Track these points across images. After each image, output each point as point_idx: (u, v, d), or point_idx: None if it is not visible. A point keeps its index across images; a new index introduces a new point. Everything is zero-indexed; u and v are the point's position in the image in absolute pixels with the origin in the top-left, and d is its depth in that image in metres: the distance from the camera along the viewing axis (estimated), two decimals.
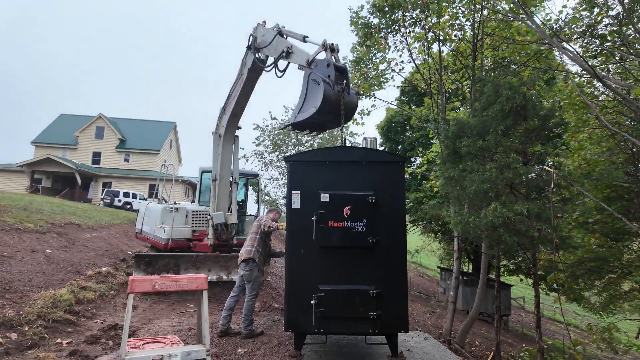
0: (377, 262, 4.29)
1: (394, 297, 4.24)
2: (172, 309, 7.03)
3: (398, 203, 4.43)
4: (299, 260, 4.37)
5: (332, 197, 4.35)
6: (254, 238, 5.69)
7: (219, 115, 8.67)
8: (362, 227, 4.29)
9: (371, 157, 4.55)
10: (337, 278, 4.29)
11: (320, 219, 4.30)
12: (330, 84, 4.91)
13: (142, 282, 3.23)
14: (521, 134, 7.32)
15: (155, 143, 35.19)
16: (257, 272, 5.56)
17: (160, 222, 8.79)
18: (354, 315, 4.24)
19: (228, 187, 8.76)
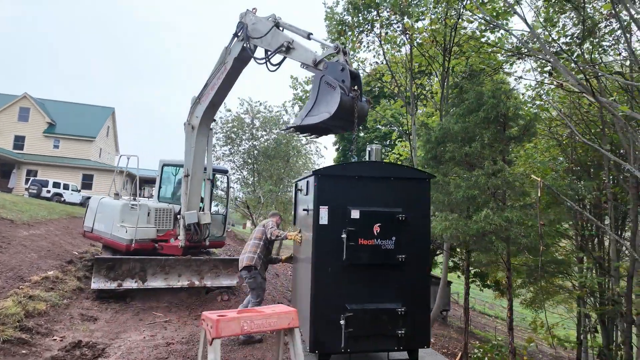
0: (403, 280, 4.20)
1: (419, 314, 4.17)
2: (138, 319, 6.27)
3: (424, 220, 4.35)
4: (326, 278, 4.10)
5: (362, 213, 4.14)
6: (257, 244, 5.46)
7: (192, 104, 7.95)
8: (392, 244, 4.16)
9: (399, 173, 4.45)
10: (365, 296, 4.13)
11: (350, 236, 4.06)
12: (346, 90, 4.66)
13: (229, 324, 2.65)
14: (503, 142, 7.55)
15: (90, 129, 32.14)
16: (260, 279, 5.37)
17: (120, 221, 7.83)
18: (382, 333, 4.12)
19: (201, 184, 8.07)
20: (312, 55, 5.47)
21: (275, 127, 24.94)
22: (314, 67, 5.36)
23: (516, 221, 5.91)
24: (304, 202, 4.86)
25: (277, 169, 24.15)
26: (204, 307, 7.06)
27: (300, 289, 4.88)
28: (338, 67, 4.89)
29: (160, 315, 6.57)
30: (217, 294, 7.41)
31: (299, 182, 5.45)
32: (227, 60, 7.03)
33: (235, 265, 7.44)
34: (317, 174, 4.23)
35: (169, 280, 6.90)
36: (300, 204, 5.38)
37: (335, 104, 4.56)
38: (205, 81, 7.70)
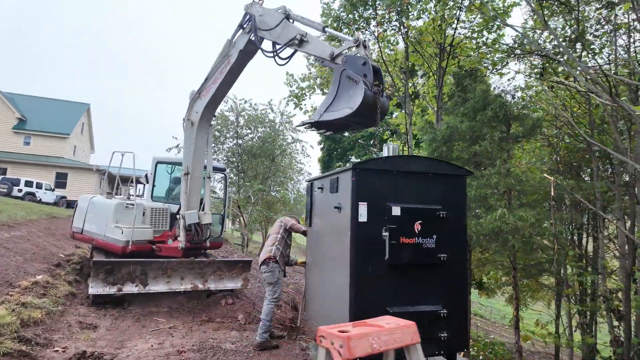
0: (443, 281, 4.06)
1: (458, 316, 4.04)
2: (140, 326, 5.89)
3: (462, 218, 4.22)
4: (366, 279, 3.89)
5: (403, 210, 3.96)
6: (275, 237, 5.36)
7: (191, 99, 7.61)
8: (432, 243, 4.01)
9: (438, 169, 4.27)
10: (406, 298, 3.97)
11: (391, 234, 3.88)
12: (369, 85, 4.48)
13: (360, 342, 2.28)
14: (510, 141, 7.57)
15: (63, 125, 30.71)
16: (278, 274, 5.22)
17: (114, 221, 7.39)
18: (424, 338, 3.91)
19: (201, 183, 7.72)
20: (329, 49, 5.28)
21: (261, 126, 24.55)
22: (331, 61, 5.17)
23: (531, 220, 5.90)
24: (329, 200, 4.65)
25: (263, 168, 23.76)
26: (208, 311, 6.73)
27: (326, 291, 4.66)
28: (359, 61, 4.70)
29: (163, 320, 6.21)
30: (220, 298, 7.08)
31: (318, 180, 5.23)
32: (232, 53, 6.75)
33: (239, 267, 7.15)
34: (355, 168, 4.04)
35: (171, 283, 6.54)
36: (319, 203, 5.17)
37: (359, 100, 4.37)
38: (206, 75, 7.37)
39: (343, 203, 4.23)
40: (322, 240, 4.93)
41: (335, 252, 4.34)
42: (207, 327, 6.03)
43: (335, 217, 4.42)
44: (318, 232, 5.15)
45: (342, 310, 3.99)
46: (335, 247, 4.35)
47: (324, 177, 5.04)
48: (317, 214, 5.25)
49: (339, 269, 4.18)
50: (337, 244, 4.29)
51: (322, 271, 4.91)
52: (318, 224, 5.17)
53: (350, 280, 3.92)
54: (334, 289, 4.32)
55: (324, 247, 4.87)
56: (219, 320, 6.35)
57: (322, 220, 5.02)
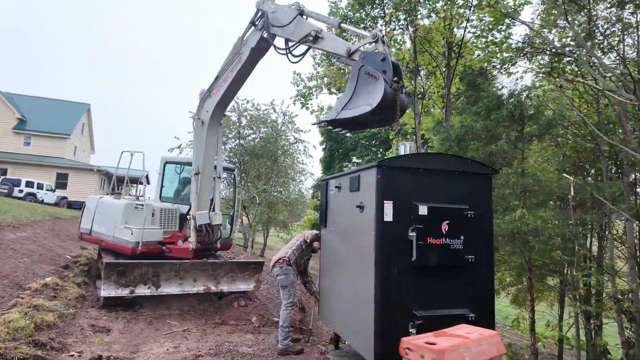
0: (471, 283, 3.97)
1: (486, 321, 3.92)
2: (154, 329, 5.77)
3: (488, 218, 4.13)
4: (392, 281, 3.79)
5: (430, 209, 3.86)
6: (294, 243, 5.38)
7: (201, 97, 7.50)
8: (460, 244, 3.91)
9: (464, 167, 4.15)
10: (433, 301, 3.86)
11: (418, 235, 3.77)
12: (389, 81, 4.35)
13: (453, 355, 2.13)
14: (524, 140, 7.48)
15: (64, 126, 30.51)
16: (292, 277, 5.16)
17: (123, 222, 7.27)
18: None
19: (211, 182, 7.60)
20: (345, 45, 5.17)
21: (263, 126, 24.42)
22: (348, 58, 5.04)
23: (552, 221, 5.81)
24: (349, 199, 4.55)
25: (265, 168, 23.64)
26: (220, 313, 6.62)
27: (345, 293, 4.55)
28: (378, 57, 4.57)
29: (176, 323, 6.09)
30: (232, 300, 6.97)
31: (334, 179, 5.13)
32: (243, 51, 6.64)
33: (251, 268, 7.04)
34: (380, 165, 3.93)
35: (184, 285, 6.43)
36: (336, 203, 5.07)
37: (379, 96, 4.23)
38: (217, 73, 7.27)
39: (366, 202, 4.13)
40: (340, 241, 4.83)
41: (357, 253, 4.24)
42: (221, 330, 5.91)
43: (357, 216, 4.31)
44: (335, 233, 5.04)
45: (366, 314, 3.89)
46: (357, 248, 4.25)
47: (342, 175, 4.93)
48: (333, 214, 5.15)
49: (362, 270, 4.07)
50: (360, 244, 4.19)
51: (339, 273, 4.80)
52: (335, 225, 5.07)
53: (375, 283, 3.82)
54: (356, 291, 4.21)
55: (342, 248, 4.76)
56: (233, 323, 6.24)
57: (339, 221, 4.91)
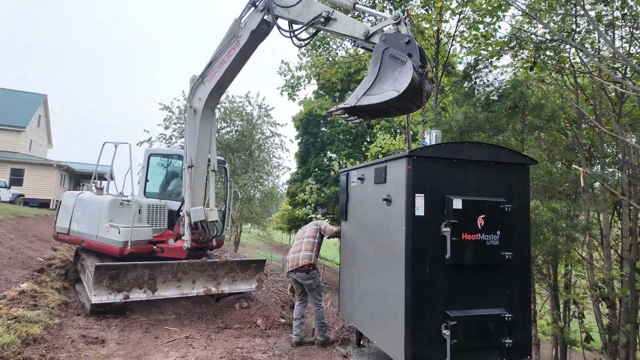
0: (507, 281, 3.78)
1: (523, 321, 3.78)
2: (153, 337, 5.25)
3: (525, 212, 3.93)
4: (423, 279, 3.55)
5: (464, 203, 3.61)
6: (312, 242, 5.04)
7: (193, 84, 6.99)
8: (496, 240, 3.69)
9: (500, 157, 3.91)
10: (467, 301, 3.65)
11: (453, 230, 3.53)
12: (416, 65, 4.06)
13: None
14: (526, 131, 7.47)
15: (18, 118, 28.19)
16: (319, 279, 5.07)
17: (108, 220, 6.62)
18: (488, 344, 3.64)
19: (205, 177, 7.08)
20: (362, 27, 4.81)
21: (238, 119, 23.69)
22: (366, 41, 4.72)
23: (563, 213, 5.78)
24: (373, 191, 4.27)
25: (240, 162, 22.98)
26: (221, 316, 6.17)
27: (370, 291, 4.27)
28: (401, 39, 4.25)
29: (176, 329, 5.59)
30: (232, 301, 6.53)
31: (357, 170, 4.82)
32: (242, 34, 6.17)
33: (253, 267, 6.61)
34: (412, 155, 3.63)
35: (183, 288, 5.91)
36: (358, 195, 4.78)
37: (406, 81, 3.90)
38: (210, 58, 6.74)
39: (394, 195, 3.85)
40: (364, 235, 4.55)
41: (385, 249, 3.97)
42: (227, 335, 5.49)
43: (383, 210, 4.03)
44: (357, 227, 4.75)
45: (395, 314, 3.66)
46: (385, 244, 3.98)
47: (365, 166, 4.64)
48: (355, 207, 4.87)
49: (391, 268, 3.82)
50: (387, 240, 3.93)
51: (363, 269, 4.52)
52: (357, 218, 4.78)
53: (405, 281, 3.57)
54: (383, 289, 3.95)
55: (366, 243, 4.48)
56: (237, 327, 5.82)
57: (363, 214, 4.62)
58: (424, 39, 10.95)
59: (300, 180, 25.63)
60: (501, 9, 9.81)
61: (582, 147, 11.59)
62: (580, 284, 14.29)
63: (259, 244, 38.74)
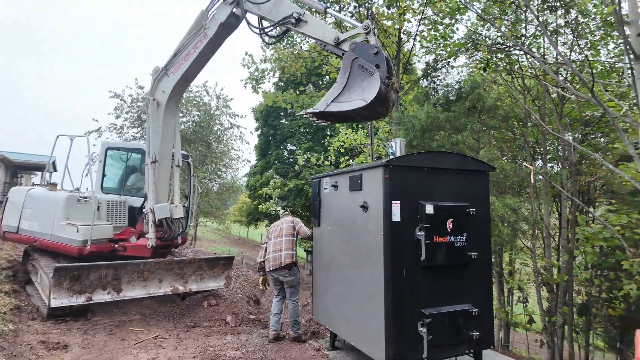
0: (472, 279, 4.08)
1: (487, 314, 4.10)
2: (119, 339, 5.09)
3: (486, 214, 4.26)
4: (401, 280, 3.73)
5: (436, 208, 3.85)
6: (292, 240, 5.14)
7: (156, 76, 6.74)
8: (463, 241, 3.98)
9: (465, 165, 4.20)
10: (438, 299, 3.89)
11: (426, 234, 3.76)
12: (383, 77, 4.24)
13: None
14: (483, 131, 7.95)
15: None
16: (299, 275, 5.20)
17: (64, 217, 6.26)
18: (458, 338, 3.92)
19: (169, 172, 6.87)
20: (333, 33, 4.90)
21: (195, 109, 22.97)
22: (335, 47, 4.82)
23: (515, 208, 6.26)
24: (348, 198, 4.38)
25: (197, 154, 22.34)
26: (189, 315, 6.08)
27: (347, 293, 4.38)
28: (370, 50, 4.40)
29: (142, 330, 5.45)
30: (200, 299, 6.44)
31: (330, 177, 4.88)
32: (209, 26, 6.03)
33: (221, 265, 6.55)
34: (388, 165, 3.80)
35: (149, 287, 5.75)
36: (331, 202, 4.85)
37: (374, 92, 4.08)
38: (175, 49, 6.53)
39: (371, 202, 4.00)
40: (339, 240, 4.62)
41: (362, 253, 4.11)
42: (197, 334, 5.43)
43: (360, 216, 4.17)
44: (331, 233, 4.82)
45: (375, 315, 3.80)
46: (362, 248, 4.12)
47: (339, 174, 4.73)
48: (328, 213, 4.93)
49: (369, 270, 3.97)
50: (365, 244, 4.07)
51: (338, 272, 4.61)
52: (331, 224, 4.85)
53: (385, 284, 3.74)
54: (361, 292, 4.09)
55: (341, 247, 4.56)
56: (207, 325, 5.77)
57: (338, 220, 4.70)
58: (386, 37, 11.20)
59: (260, 173, 25.37)
60: (459, 11, 10.28)
61: (528, 145, 12.50)
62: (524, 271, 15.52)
63: (215, 237, 38.03)
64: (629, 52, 4.66)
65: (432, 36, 11.18)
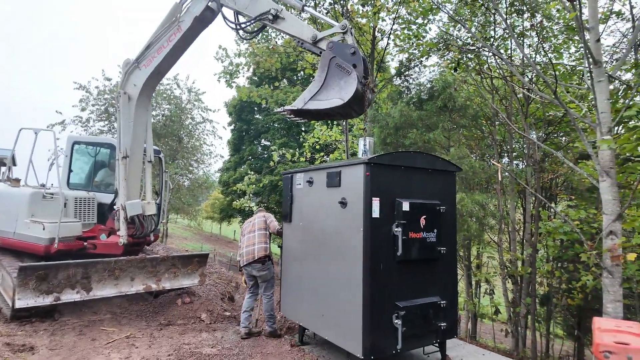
0: (440, 273, 4.31)
1: (452, 306, 4.34)
2: (90, 339, 4.96)
3: (453, 212, 4.50)
4: (379, 275, 3.85)
5: (411, 205, 4.01)
6: (265, 234, 5.15)
7: (126, 69, 6.57)
8: (434, 237, 4.18)
9: (436, 165, 4.41)
10: (411, 292, 4.07)
11: (403, 230, 3.90)
12: (360, 76, 4.35)
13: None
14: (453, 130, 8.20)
15: None
16: (273, 269, 5.21)
17: (29, 215, 6.01)
18: (428, 328, 4.13)
19: (140, 168, 6.71)
20: (311, 31, 4.95)
21: (165, 102, 22.41)
22: (313, 45, 4.88)
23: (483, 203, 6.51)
24: (325, 195, 4.44)
25: (168, 149, 21.83)
26: (163, 313, 5.99)
27: (321, 288, 4.44)
28: (347, 49, 4.50)
29: (113, 329, 5.33)
30: (174, 297, 6.35)
31: (305, 173, 4.92)
32: (184, 19, 5.94)
33: (195, 262, 6.48)
34: (369, 163, 3.88)
35: (120, 286, 5.62)
36: (305, 197, 4.88)
37: (351, 91, 4.21)
38: (147, 42, 6.38)
39: (350, 198, 4.07)
40: (313, 236, 4.65)
41: (340, 248, 4.18)
42: (171, 332, 5.37)
43: (338, 212, 4.23)
44: (305, 228, 4.85)
45: (352, 310, 3.90)
46: (339, 244, 4.19)
47: (315, 170, 4.77)
48: (301, 208, 4.94)
49: (347, 265, 4.05)
50: (343, 240, 4.14)
51: (312, 268, 4.64)
52: (305, 220, 4.87)
53: (364, 278, 3.83)
54: (338, 286, 4.17)
55: (316, 243, 4.60)
56: (181, 323, 5.71)
57: (312, 216, 4.73)
58: (361, 34, 11.30)
59: (233, 169, 25.07)
60: (432, 12, 10.52)
61: (496, 143, 12.98)
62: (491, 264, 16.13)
63: (186, 234, 37.35)
64: (588, 56, 4.93)
65: (406, 35, 11.38)
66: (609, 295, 4.63)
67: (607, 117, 4.85)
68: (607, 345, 2.02)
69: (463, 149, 7.32)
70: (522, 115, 11.62)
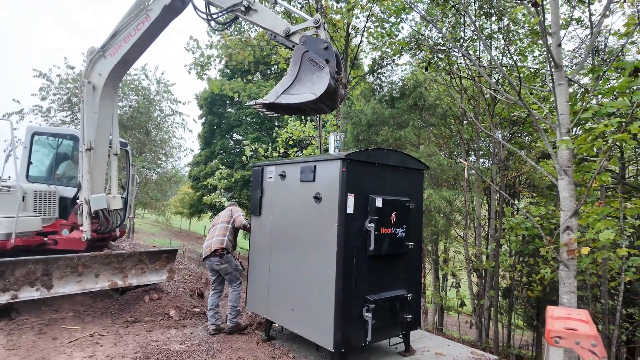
0: (407, 267, 4.43)
1: (416, 298, 4.48)
2: (50, 338, 4.76)
3: (420, 208, 4.64)
4: (351, 270, 3.91)
5: (384, 202, 4.09)
6: (225, 227, 5.07)
7: (91, 57, 6.32)
8: (403, 233, 4.28)
9: (406, 163, 4.50)
10: (380, 286, 4.16)
11: (375, 226, 3.98)
12: (332, 72, 4.37)
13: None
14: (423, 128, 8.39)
15: None
16: (234, 262, 5.10)
17: None
18: (395, 320, 4.24)
19: (105, 161, 6.48)
20: (284, 24, 4.93)
21: (133, 93, 21.67)
22: (285, 38, 4.86)
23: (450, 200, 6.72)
24: (299, 189, 4.42)
25: (135, 142, 21.15)
26: (129, 310, 5.83)
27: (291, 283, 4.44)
28: (320, 44, 4.51)
29: (76, 328, 5.14)
30: (141, 294, 6.19)
31: (277, 166, 4.87)
32: (152, 8, 5.78)
33: (163, 258, 6.34)
34: (346, 159, 3.91)
35: (84, 283, 5.41)
36: (276, 191, 4.83)
37: (324, 86, 4.22)
38: (113, 29, 6.16)
39: (325, 193, 4.08)
40: (285, 230, 4.63)
41: (313, 243, 4.18)
42: (138, 329, 5.23)
43: (311, 207, 4.22)
44: (275, 222, 4.81)
45: (323, 304, 3.93)
46: (313, 239, 4.19)
47: (287, 163, 4.74)
48: (272, 202, 4.88)
49: (319, 260, 4.06)
50: (316, 235, 4.14)
51: (282, 262, 4.61)
52: (275, 213, 4.83)
53: (337, 272, 3.87)
54: (309, 280, 4.18)
55: (287, 238, 4.57)
56: (149, 320, 5.58)
57: (284, 210, 4.68)
58: (335, 30, 11.32)
59: (204, 163, 24.60)
60: (405, 11, 10.68)
61: (463, 141, 13.39)
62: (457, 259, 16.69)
63: (154, 230, 36.40)
64: (550, 60, 5.17)
65: (379, 33, 11.51)
66: (564, 287, 4.91)
67: (566, 119, 5.11)
68: (557, 331, 2.15)
69: (432, 147, 7.51)
70: (488, 115, 12.06)
